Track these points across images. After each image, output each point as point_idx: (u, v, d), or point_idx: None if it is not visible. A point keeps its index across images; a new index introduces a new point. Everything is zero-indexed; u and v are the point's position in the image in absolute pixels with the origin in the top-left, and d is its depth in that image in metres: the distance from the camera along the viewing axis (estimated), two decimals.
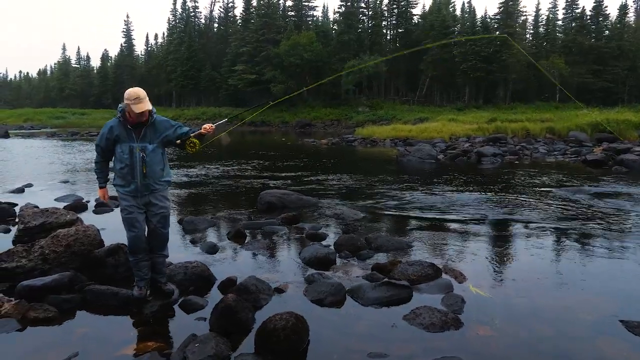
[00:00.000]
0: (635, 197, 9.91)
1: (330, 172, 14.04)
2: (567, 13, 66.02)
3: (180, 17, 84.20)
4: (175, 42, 78.17)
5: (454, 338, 3.63)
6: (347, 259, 5.50)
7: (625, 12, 64.06)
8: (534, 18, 69.25)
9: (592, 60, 57.50)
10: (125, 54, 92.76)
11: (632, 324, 3.79)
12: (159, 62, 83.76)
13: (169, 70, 76.54)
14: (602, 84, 56.03)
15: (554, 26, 68.18)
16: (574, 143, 23.03)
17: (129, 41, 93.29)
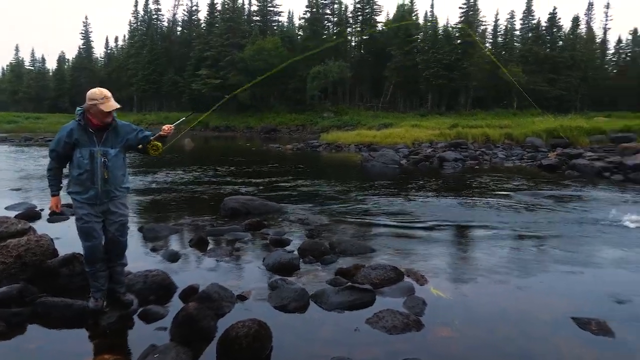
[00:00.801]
0: (586, 200, 10.30)
1: (295, 177, 14.03)
2: (524, 24, 68.27)
3: (142, 20, 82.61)
4: (136, 45, 76.64)
5: (415, 340, 3.68)
6: (311, 264, 5.51)
7: (577, 24, 66.72)
8: (493, 28, 71.32)
9: (547, 69, 59.54)
10: (84, 57, 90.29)
11: (582, 320, 3.95)
12: (119, 65, 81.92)
13: (130, 73, 74.96)
14: (556, 92, 58.06)
15: (512, 36, 70.34)
16: (530, 148, 23.77)
17: (87, 43, 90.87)
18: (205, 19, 73.53)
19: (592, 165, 15.73)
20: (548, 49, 63.17)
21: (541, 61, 60.01)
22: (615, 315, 4.09)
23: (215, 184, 12.57)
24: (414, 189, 12.02)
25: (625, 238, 6.90)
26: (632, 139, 23.43)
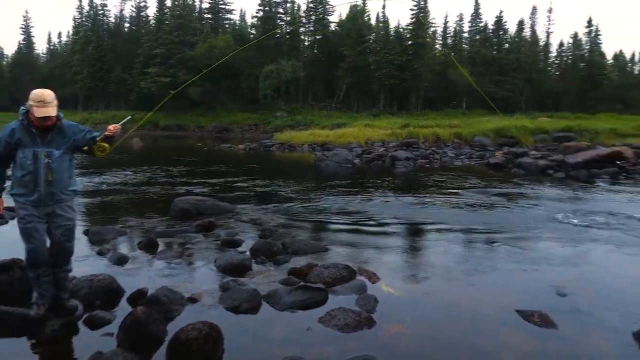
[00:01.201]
0: (531, 197, 10.73)
1: (248, 177, 13.91)
2: (472, 26, 70.27)
3: (87, 15, 79.65)
4: (81, 41, 73.69)
5: (367, 337, 3.72)
6: (263, 265, 5.47)
7: (522, 27, 69.35)
8: (443, 30, 73.09)
9: (494, 71, 61.58)
10: (24, 52, 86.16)
11: (526, 313, 4.10)
12: (63, 62, 78.61)
13: (75, 70, 72.03)
14: (503, 93, 60.09)
15: (461, 38, 72.33)
16: (478, 147, 24.55)
17: (28, 39, 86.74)
18: (155, 16, 71.64)
19: (536, 164, 16.40)
20: (495, 51, 65.36)
21: (488, 63, 62.03)
22: (557, 308, 4.27)
23: (166, 184, 12.29)
24: (367, 188, 12.16)
25: (567, 233, 7.22)
26: (572, 138, 24.61)
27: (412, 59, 58.27)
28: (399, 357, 3.49)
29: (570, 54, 71.74)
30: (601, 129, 27.33)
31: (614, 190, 12.02)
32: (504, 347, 3.61)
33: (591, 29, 69.52)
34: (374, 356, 3.33)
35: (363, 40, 61.40)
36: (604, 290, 4.85)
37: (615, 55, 75.86)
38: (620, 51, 79.27)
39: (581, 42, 70.42)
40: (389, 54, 58.54)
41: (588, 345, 3.64)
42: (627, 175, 14.66)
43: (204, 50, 57.33)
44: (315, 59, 66.93)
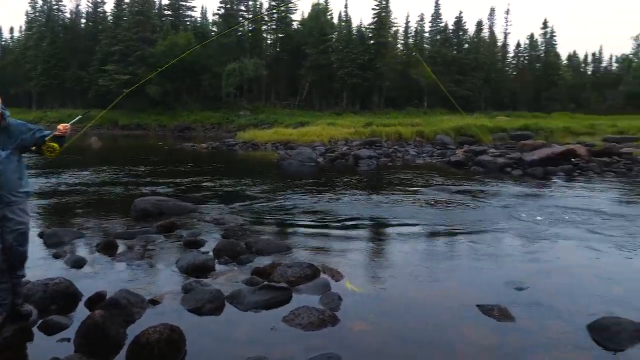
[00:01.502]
0: (490, 194, 11.01)
1: (211, 176, 13.73)
2: (433, 26, 71.50)
3: (40, 10, 76.85)
4: (34, 37, 71.01)
5: (331, 335, 3.73)
6: (226, 265, 5.42)
7: (480, 28, 71.05)
8: (404, 30, 74.02)
9: (454, 70, 62.85)
10: None
11: (486, 307, 4.20)
12: (15, 58, 75.60)
13: (28, 67, 69.40)
14: (463, 92, 61.40)
15: (422, 38, 73.49)
16: (440, 146, 24.99)
17: None
18: (112, 12, 69.81)
19: (495, 162, 16.83)
20: (455, 51, 66.74)
21: (449, 63, 63.25)
22: (515, 302, 4.39)
23: (126, 184, 12.00)
24: (330, 186, 12.21)
25: (526, 229, 7.44)
26: (529, 136, 25.38)
27: (375, 58, 58.88)
28: (362, 354, 3.51)
29: (527, 54, 73.95)
30: (556, 128, 28.28)
31: (569, 187, 12.47)
32: (465, 341, 3.69)
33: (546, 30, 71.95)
34: (338, 354, 3.34)
35: (325, 38, 61.59)
36: (560, 284, 5.01)
37: (570, 56, 78.70)
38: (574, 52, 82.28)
39: (537, 43, 72.75)
40: (351, 52, 58.93)
41: (544, 337, 3.75)
42: (581, 172, 15.22)
43: (165, 47, 56.22)
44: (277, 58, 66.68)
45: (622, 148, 19.02)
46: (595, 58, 79.71)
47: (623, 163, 16.71)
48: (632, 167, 16.00)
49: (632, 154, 18.01)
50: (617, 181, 13.60)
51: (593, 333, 3.75)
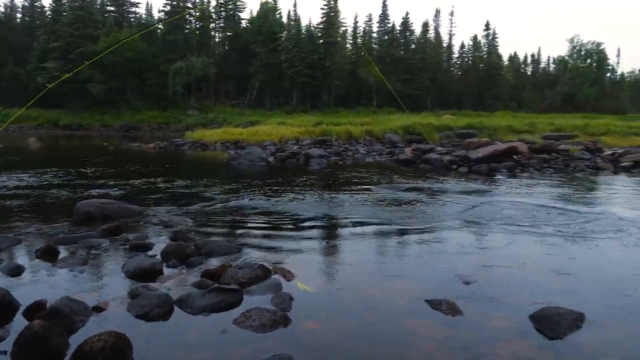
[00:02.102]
0: (438, 191, 11.29)
1: (158, 177, 13.37)
2: (381, 27, 72.68)
3: None
4: None
5: (283, 336, 3.71)
6: (175, 268, 5.28)
7: (426, 29, 72.88)
8: (353, 30, 74.84)
9: (402, 70, 64.18)
10: None
11: (435, 302, 4.29)
12: None
13: None
14: (410, 91, 62.76)
15: (370, 38, 74.52)
16: (389, 144, 25.39)
17: None
18: (51, 7, 66.78)
19: (442, 159, 17.26)
20: (402, 51, 68.08)
21: (396, 62, 64.50)
22: (463, 296, 4.51)
23: (68, 187, 11.49)
24: (281, 185, 12.16)
25: (472, 225, 7.67)
26: (474, 135, 26.18)
27: (324, 58, 59.26)
28: (314, 352, 3.51)
29: (471, 55, 76.43)
30: (499, 126, 29.27)
31: (512, 183, 12.96)
32: (415, 336, 3.76)
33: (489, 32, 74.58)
34: (290, 354, 3.33)
35: (275, 37, 61.40)
36: (505, 277, 5.19)
37: (511, 57, 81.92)
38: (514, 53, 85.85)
39: (480, 44, 75.30)
40: (300, 52, 59.06)
41: (490, 328, 3.88)
42: (523, 169, 15.86)
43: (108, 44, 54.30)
44: (226, 56, 65.88)
45: (559, 145, 19.95)
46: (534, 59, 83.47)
47: (561, 159, 17.54)
48: (569, 163, 16.82)
49: (568, 151, 18.93)
50: (556, 176, 14.27)
51: (535, 322, 3.91)
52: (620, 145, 21.60)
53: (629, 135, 25.38)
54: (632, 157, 16.79)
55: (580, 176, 14.55)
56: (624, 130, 26.77)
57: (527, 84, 75.53)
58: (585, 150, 19.65)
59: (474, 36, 76.21)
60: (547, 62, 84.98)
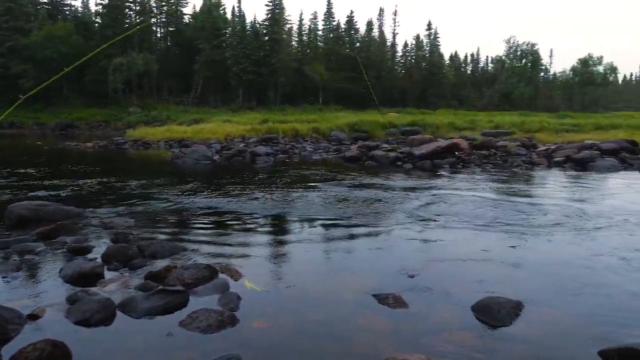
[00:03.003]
0: (384, 187, 11.48)
1: (98, 177, 12.85)
2: (326, 24, 73.04)
3: None
4: None
5: (231, 336, 3.67)
6: (117, 271, 5.10)
7: (371, 27, 73.91)
8: (298, 27, 74.79)
9: (347, 68, 64.76)
10: None
11: (381, 296, 4.37)
12: None
13: None
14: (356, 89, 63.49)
15: (316, 36, 74.74)
16: (335, 142, 25.59)
17: None
18: None
19: (387, 156, 17.57)
20: (347, 49, 68.71)
21: (342, 60, 65.01)
22: (409, 289, 4.61)
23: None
24: (227, 184, 12.00)
25: (417, 220, 7.85)
26: (418, 132, 26.82)
27: (269, 55, 58.90)
28: (262, 351, 3.49)
29: (414, 54, 78.16)
30: (441, 123, 30.14)
31: (454, 178, 13.37)
32: (362, 330, 3.81)
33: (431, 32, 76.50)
34: (237, 354, 3.29)
35: (219, 34, 60.51)
36: (448, 269, 5.36)
37: (451, 56, 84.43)
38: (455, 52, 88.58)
39: (423, 44, 77.15)
40: (245, 49, 58.47)
41: (434, 320, 3.99)
42: (464, 165, 16.41)
43: (41, 38, 51.73)
44: (169, 52, 64.24)
45: (498, 142, 20.79)
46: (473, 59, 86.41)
47: (499, 155, 18.27)
48: (507, 158, 17.54)
49: (506, 147, 19.74)
50: (495, 172, 14.85)
51: (477, 312, 4.05)
52: (553, 141, 22.76)
53: (561, 132, 26.77)
54: (564, 152, 17.72)
55: (517, 171, 15.20)
56: (556, 127, 28.22)
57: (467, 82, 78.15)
58: (521, 146, 20.58)
59: (417, 36, 78.10)
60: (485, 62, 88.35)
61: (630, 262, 5.52)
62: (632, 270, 5.25)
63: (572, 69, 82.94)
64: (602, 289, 4.70)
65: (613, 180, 13.09)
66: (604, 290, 4.68)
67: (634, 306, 4.28)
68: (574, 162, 16.27)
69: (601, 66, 79.25)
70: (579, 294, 4.59)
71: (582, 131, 26.69)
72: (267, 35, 62.35)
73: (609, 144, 18.73)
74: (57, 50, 51.74)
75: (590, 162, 15.89)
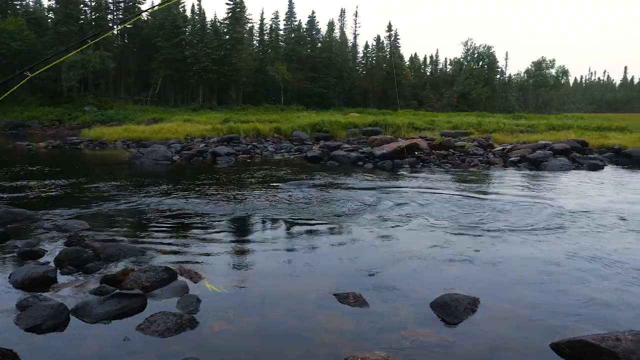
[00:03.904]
0: (345, 187, 11.56)
1: (51, 179, 12.41)
2: (287, 24, 72.88)
3: None
4: None
5: (190, 339, 3.61)
6: (71, 275, 4.94)
7: (332, 28, 74.25)
8: (260, 26, 74.34)
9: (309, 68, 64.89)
10: None
11: (342, 295, 4.40)
12: None
13: None
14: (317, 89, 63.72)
15: (277, 35, 74.46)
16: (297, 142, 25.60)
17: None
18: None
19: (348, 156, 17.68)
20: (309, 50, 68.78)
21: (303, 61, 65.05)
22: (369, 287, 4.66)
23: None
24: (187, 185, 11.81)
25: (377, 219, 7.93)
26: (379, 132, 27.14)
27: (230, 54, 58.28)
28: (223, 354, 3.45)
29: (375, 55, 78.95)
30: (401, 124, 30.58)
31: (414, 177, 13.58)
32: (323, 329, 3.82)
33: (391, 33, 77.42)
34: (197, 357, 3.24)
35: (179, 32, 59.43)
36: (408, 267, 5.43)
37: (411, 57, 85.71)
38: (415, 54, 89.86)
39: (383, 45, 78.00)
40: (206, 47, 57.69)
41: (394, 318, 4.04)
42: (424, 164, 16.69)
43: None
44: (126, 50, 62.68)
45: (456, 142, 21.26)
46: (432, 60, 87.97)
47: (457, 155, 18.68)
48: (465, 158, 17.95)
49: (464, 147, 20.22)
50: (453, 171, 15.17)
51: (435, 309, 4.13)
52: (509, 141, 23.45)
53: (516, 132, 27.61)
54: (519, 152, 18.28)
55: (474, 170, 15.58)
56: (511, 128, 29.09)
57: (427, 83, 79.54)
58: (478, 146, 21.11)
59: (377, 37, 78.95)
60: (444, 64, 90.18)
61: (582, 257, 5.75)
62: (583, 265, 5.46)
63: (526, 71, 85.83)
64: (555, 285, 4.86)
65: (565, 180, 13.59)
66: (557, 285, 4.85)
67: (586, 300, 4.45)
68: (529, 162, 16.80)
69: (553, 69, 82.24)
70: (533, 289, 4.75)
71: (536, 131, 27.59)
72: (227, 34, 61.69)
73: (561, 144, 19.45)
74: (7, 46, 49.71)
75: (543, 162, 16.44)
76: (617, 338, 3.28)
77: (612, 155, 19.38)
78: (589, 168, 16.04)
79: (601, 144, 21.81)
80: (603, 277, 5.08)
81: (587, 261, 5.61)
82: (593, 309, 4.25)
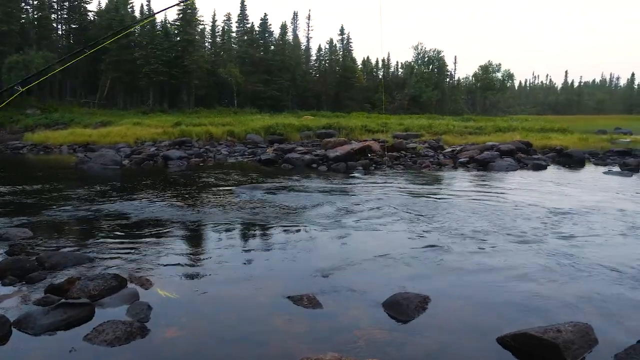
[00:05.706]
0: (299, 189, 11.59)
1: None
2: (240, 27, 72.26)
3: None
4: None
5: (140, 347, 3.53)
6: (13, 286, 4.72)
7: (285, 31, 74.15)
8: (211, 28, 73.33)
9: (262, 71, 64.57)
10: None
11: (296, 297, 4.41)
12: None
13: None
14: (271, 92, 63.46)
15: (229, 38, 73.69)
16: (251, 145, 25.45)
17: None
18: None
19: (302, 159, 17.74)
20: (262, 52, 68.45)
21: (256, 63, 64.68)
22: (323, 289, 4.69)
23: None
24: (137, 190, 11.53)
25: (331, 220, 7.99)
26: (333, 134, 27.34)
27: (182, 56, 57.19)
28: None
29: (328, 58, 79.43)
30: (355, 126, 30.96)
31: (367, 179, 13.77)
32: (277, 332, 3.82)
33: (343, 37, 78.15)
34: None
35: None
36: (360, 268, 5.49)
37: (364, 60, 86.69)
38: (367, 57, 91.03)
39: (336, 48, 78.61)
40: (156, 49, 56.36)
41: (347, 318, 4.09)
42: (377, 166, 16.96)
43: None
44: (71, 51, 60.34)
45: (408, 144, 21.72)
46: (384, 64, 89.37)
47: (409, 157, 19.09)
48: (417, 160, 18.37)
49: (416, 149, 20.67)
50: (405, 172, 15.48)
51: (387, 308, 4.21)
52: (458, 143, 24.15)
53: (465, 134, 28.49)
54: (468, 153, 18.86)
55: (426, 171, 15.95)
56: (461, 130, 30.00)
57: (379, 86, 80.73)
58: (429, 148, 21.65)
59: (330, 40, 79.42)
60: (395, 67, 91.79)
61: (526, 253, 5.99)
62: (528, 260, 5.70)
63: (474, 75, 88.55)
64: (503, 281, 5.04)
65: (511, 179, 14.12)
66: (505, 282, 5.03)
67: (530, 295, 4.64)
68: (477, 163, 17.36)
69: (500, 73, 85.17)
70: (482, 286, 4.91)
71: (484, 133, 28.56)
72: (178, 35, 60.48)
73: (507, 145, 20.21)
74: None
75: (491, 162, 17.03)
76: (558, 330, 3.45)
77: (555, 155, 20.32)
78: (534, 168, 16.74)
79: (544, 144, 22.84)
80: (546, 271, 5.30)
81: (532, 256, 5.85)
82: (536, 303, 4.44)
